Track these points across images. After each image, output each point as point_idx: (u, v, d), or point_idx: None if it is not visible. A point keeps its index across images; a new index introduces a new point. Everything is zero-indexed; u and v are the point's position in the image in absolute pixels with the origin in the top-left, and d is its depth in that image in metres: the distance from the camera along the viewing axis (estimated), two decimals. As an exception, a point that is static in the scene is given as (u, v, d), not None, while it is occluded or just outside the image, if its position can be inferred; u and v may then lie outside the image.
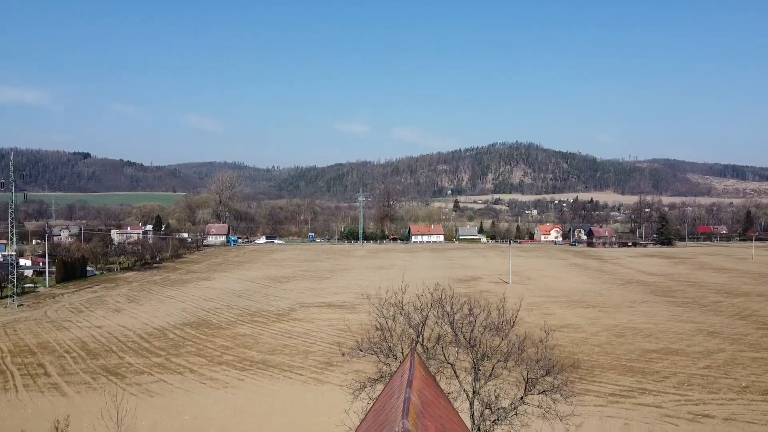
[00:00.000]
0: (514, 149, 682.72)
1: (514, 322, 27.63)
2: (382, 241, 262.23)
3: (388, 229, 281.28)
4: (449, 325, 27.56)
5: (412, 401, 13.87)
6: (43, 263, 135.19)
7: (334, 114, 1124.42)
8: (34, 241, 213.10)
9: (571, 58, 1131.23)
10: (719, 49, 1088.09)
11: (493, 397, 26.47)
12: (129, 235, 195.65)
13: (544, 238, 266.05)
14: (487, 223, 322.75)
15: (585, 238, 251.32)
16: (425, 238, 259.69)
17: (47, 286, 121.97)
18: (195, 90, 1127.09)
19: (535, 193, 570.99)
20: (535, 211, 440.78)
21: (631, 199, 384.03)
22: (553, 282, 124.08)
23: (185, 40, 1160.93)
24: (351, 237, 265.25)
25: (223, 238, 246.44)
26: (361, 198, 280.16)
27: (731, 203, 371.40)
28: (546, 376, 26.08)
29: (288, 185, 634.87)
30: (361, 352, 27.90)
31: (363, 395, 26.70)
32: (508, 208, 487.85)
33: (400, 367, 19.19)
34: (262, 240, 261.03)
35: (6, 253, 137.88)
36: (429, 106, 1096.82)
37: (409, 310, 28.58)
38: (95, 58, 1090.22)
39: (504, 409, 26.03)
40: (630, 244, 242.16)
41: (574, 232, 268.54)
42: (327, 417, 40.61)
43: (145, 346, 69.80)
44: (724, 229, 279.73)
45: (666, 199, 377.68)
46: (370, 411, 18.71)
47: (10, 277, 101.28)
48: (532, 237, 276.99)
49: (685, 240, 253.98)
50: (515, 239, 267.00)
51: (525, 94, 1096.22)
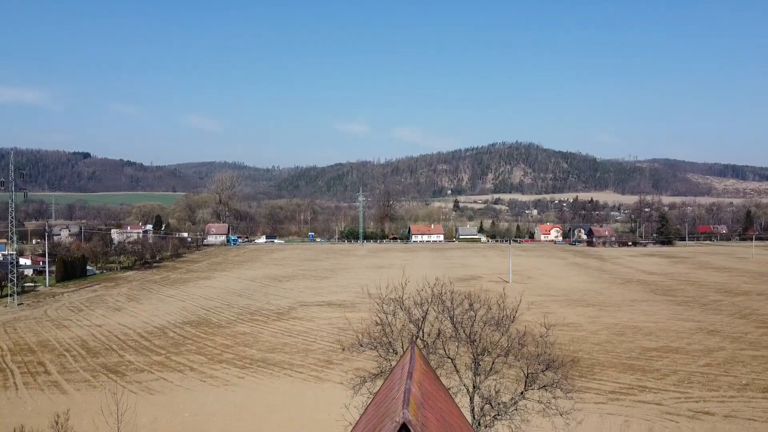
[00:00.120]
0: (514, 149, 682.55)
1: (514, 317, 27.63)
2: (382, 240, 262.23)
3: (388, 228, 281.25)
4: (449, 320, 27.55)
5: (413, 392, 13.85)
6: (43, 262, 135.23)
7: (334, 114, 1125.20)
8: (34, 241, 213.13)
9: (571, 58, 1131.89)
10: (719, 49, 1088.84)
11: (493, 392, 26.47)
12: (129, 234, 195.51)
13: (544, 237, 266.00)
14: (487, 222, 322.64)
15: (585, 237, 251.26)
16: (425, 238, 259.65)
17: (47, 285, 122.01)
18: (195, 90, 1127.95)
19: (535, 193, 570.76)
20: (535, 211, 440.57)
21: (631, 199, 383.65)
22: (553, 281, 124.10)
23: (185, 40, 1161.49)
24: (351, 236, 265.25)
25: (223, 238, 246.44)
26: (361, 198, 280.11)
27: (731, 203, 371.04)
28: (546, 371, 26.07)
29: (288, 185, 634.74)
30: (362, 347, 27.90)
31: (363, 390, 26.71)
32: (508, 207, 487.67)
33: (400, 360, 19.17)
34: (262, 239, 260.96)
35: (6, 252, 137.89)
36: (429, 106, 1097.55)
37: (409, 305, 28.57)
38: (95, 58, 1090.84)
39: (504, 404, 26.02)
40: (630, 243, 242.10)
41: (574, 231, 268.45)
42: (327, 414, 40.62)
43: (145, 345, 69.83)
44: (724, 229, 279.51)
45: (666, 199, 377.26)
46: (370, 404, 18.70)
47: (10, 276, 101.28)
48: (532, 237, 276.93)
49: (685, 239, 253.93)
50: (515, 239, 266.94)
51: (525, 94, 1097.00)
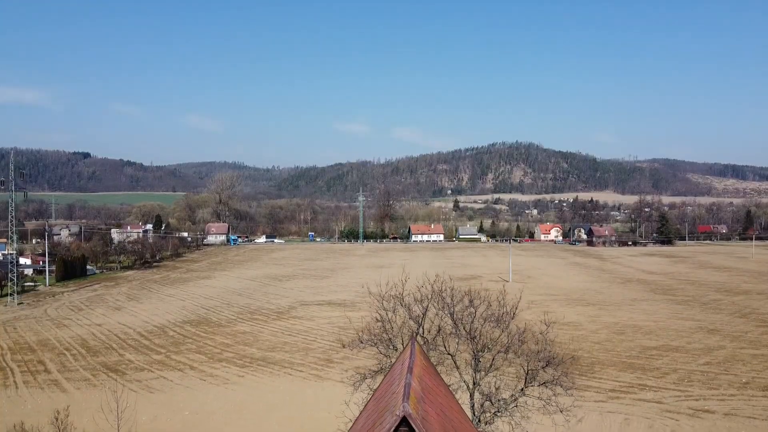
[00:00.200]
0: (514, 149, 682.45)
1: (514, 314, 27.63)
2: (382, 240, 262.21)
3: (388, 228, 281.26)
4: (449, 316, 27.55)
5: (413, 386, 13.86)
6: (43, 262, 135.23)
7: (334, 114, 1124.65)
8: (34, 241, 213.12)
9: (571, 58, 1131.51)
10: (719, 49, 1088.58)
11: (493, 388, 26.46)
12: (129, 234, 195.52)
13: (544, 237, 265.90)
14: (487, 222, 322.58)
15: (585, 237, 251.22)
16: (425, 238, 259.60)
17: (47, 284, 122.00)
18: (195, 90, 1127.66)
19: (535, 193, 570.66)
20: (535, 211, 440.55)
21: (631, 199, 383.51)
22: (553, 281, 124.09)
23: (185, 40, 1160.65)
24: (351, 236, 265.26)
25: (223, 238, 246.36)
26: (361, 197, 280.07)
27: (731, 203, 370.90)
28: (546, 367, 26.06)
29: (288, 185, 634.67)
30: (362, 343, 27.90)
31: (363, 386, 26.71)
32: (508, 207, 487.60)
33: (400, 355, 19.17)
34: (262, 239, 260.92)
35: (6, 251, 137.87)
36: (429, 106, 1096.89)
37: (409, 302, 28.56)
38: (95, 58, 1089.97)
39: (504, 400, 26.02)
40: (630, 243, 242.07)
41: (574, 231, 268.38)
42: (327, 412, 40.60)
43: (145, 344, 69.84)
44: (724, 229, 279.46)
45: (666, 199, 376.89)
46: (370, 399, 18.71)
47: (10, 276, 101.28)
48: (532, 236, 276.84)
49: (685, 239, 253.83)
50: (515, 238, 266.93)
51: (525, 94, 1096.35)
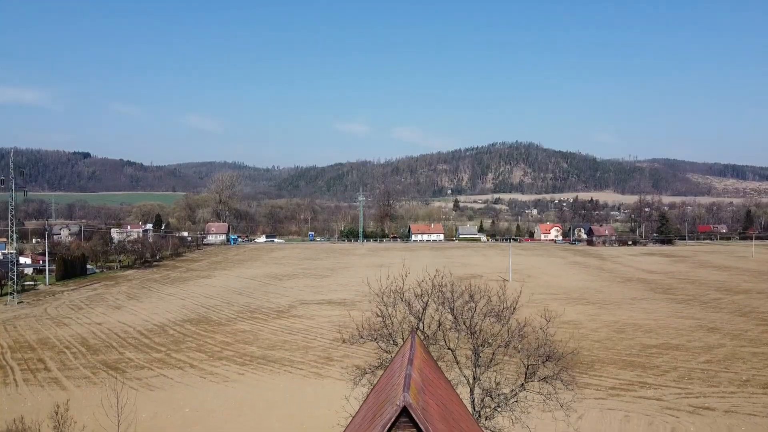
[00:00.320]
0: (514, 149, 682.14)
1: (514, 309, 27.63)
2: (382, 239, 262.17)
3: (388, 228, 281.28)
4: (450, 311, 27.54)
5: (413, 378, 13.86)
6: (43, 261, 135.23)
7: (334, 114, 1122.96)
8: (34, 240, 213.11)
9: (571, 58, 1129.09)
10: (719, 49, 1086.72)
11: (493, 383, 26.46)
12: (129, 233, 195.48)
13: (544, 237, 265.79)
14: (487, 222, 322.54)
15: (585, 236, 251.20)
16: (425, 237, 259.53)
17: (47, 283, 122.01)
18: (195, 90, 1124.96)
19: (535, 193, 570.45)
20: (535, 211, 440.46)
21: (631, 199, 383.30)
22: (553, 280, 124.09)
23: (185, 40, 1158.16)
24: (351, 236, 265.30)
25: (223, 237, 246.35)
26: (361, 197, 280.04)
27: (731, 203, 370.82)
28: (547, 362, 26.05)
29: (288, 185, 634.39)
30: (362, 338, 27.90)
31: (364, 381, 26.71)
32: (508, 207, 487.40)
33: (400, 348, 19.17)
34: (262, 239, 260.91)
35: (6, 251, 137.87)
36: (429, 106, 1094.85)
37: (409, 297, 28.55)
38: (95, 58, 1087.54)
39: (505, 395, 26.02)
40: (630, 242, 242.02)
41: (574, 231, 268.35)
42: (327, 409, 40.58)
43: (145, 342, 69.86)
44: (724, 228, 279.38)
45: (666, 199, 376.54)
46: (370, 393, 18.71)
47: (10, 275, 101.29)
48: (532, 236, 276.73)
49: (685, 239, 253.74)
50: (514, 237, 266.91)
51: (525, 94, 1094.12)
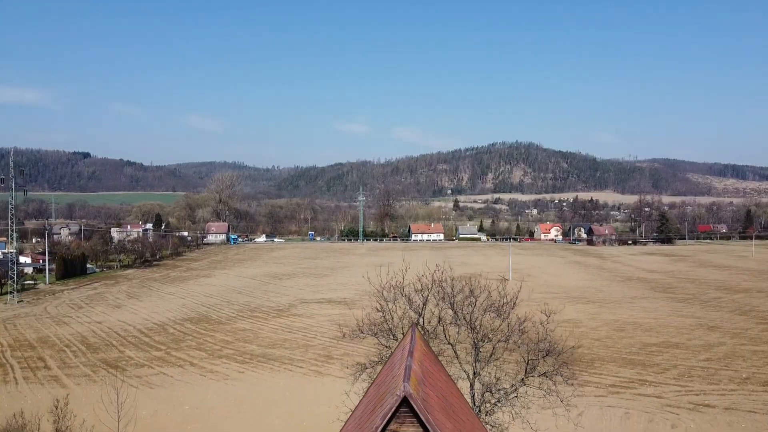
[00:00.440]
0: (514, 149, 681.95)
1: (514, 304, 27.63)
2: (382, 239, 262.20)
3: (388, 227, 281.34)
4: (450, 306, 27.55)
5: (413, 369, 13.86)
6: (43, 260, 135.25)
7: (334, 114, 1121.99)
8: (34, 240, 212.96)
9: (571, 58, 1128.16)
10: (719, 49, 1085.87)
11: (493, 378, 26.46)
12: (129, 233, 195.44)
13: (544, 236, 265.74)
14: (487, 222, 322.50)
15: (585, 236, 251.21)
16: (425, 237, 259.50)
17: (47, 282, 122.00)
18: (195, 90, 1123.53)
19: (535, 193, 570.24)
20: (535, 211, 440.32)
21: (630, 199, 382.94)
22: (554, 279, 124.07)
23: (185, 40, 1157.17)
24: (351, 235, 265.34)
25: (223, 237, 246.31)
26: (361, 197, 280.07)
27: (731, 202, 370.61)
28: (547, 356, 26.05)
29: (288, 185, 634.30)
30: (362, 333, 27.90)
31: (364, 376, 26.71)
32: (508, 207, 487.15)
33: (401, 342, 19.17)
34: (262, 238, 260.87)
35: (6, 250, 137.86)
36: (429, 106, 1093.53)
37: (409, 292, 28.56)
38: (95, 58, 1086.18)
39: (505, 390, 26.02)
40: (630, 242, 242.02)
41: (574, 230, 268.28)
42: (327, 407, 40.58)
43: (145, 341, 69.87)
44: (724, 228, 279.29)
45: (666, 199, 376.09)
46: (371, 386, 18.70)
47: (10, 274, 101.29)
48: (531, 236, 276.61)
49: (685, 239, 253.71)
50: (514, 237, 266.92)
51: (525, 94, 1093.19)
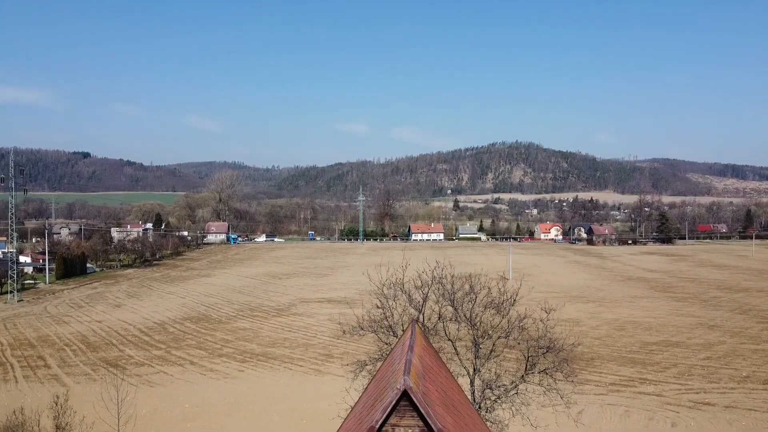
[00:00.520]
0: (514, 149, 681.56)
1: (514, 300, 27.63)
2: (382, 239, 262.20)
3: (388, 227, 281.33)
4: (450, 303, 27.54)
5: (414, 363, 13.85)
6: (43, 260, 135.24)
7: (334, 114, 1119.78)
8: (34, 240, 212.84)
9: (571, 58, 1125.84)
10: (719, 49, 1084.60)
11: (494, 375, 26.46)
12: (129, 232, 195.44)
13: (544, 236, 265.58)
14: (487, 222, 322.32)
15: (585, 236, 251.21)
16: (425, 237, 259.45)
17: (47, 282, 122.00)
18: (195, 90, 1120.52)
19: (535, 193, 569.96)
20: (535, 211, 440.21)
21: (631, 199, 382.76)
22: (554, 278, 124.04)
23: (185, 40, 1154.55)
24: (351, 235, 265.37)
25: (223, 237, 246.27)
26: (361, 197, 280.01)
27: (731, 202, 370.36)
28: (547, 353, 26.05)
29: (288, 185, 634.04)
30: (362, 330, 27.90)
31: (364, 373, 26.71)
32: (508, 207, 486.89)
33: (401, 338, 19.17)
34: (262, 238, 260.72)
35: (6, 249, 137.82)
36: (429, 106, 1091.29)
37: (409, 288, 28.55)
38: (95, 58, 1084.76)
39: (505, 386, 26.02)
40: (630, 241, 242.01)
41: (574, 230, 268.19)
42: (327, 404, 40.59)
43: (145, 340, 69.89)
44: (724, 228, 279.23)
45: (666, 199, 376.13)
46: (371, 382, 18.71)
47: (10, 273, 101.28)
48: (531, 235, 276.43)
49: (685, 238, 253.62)
50: (514, 236, 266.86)
51: (525, 94, 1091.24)
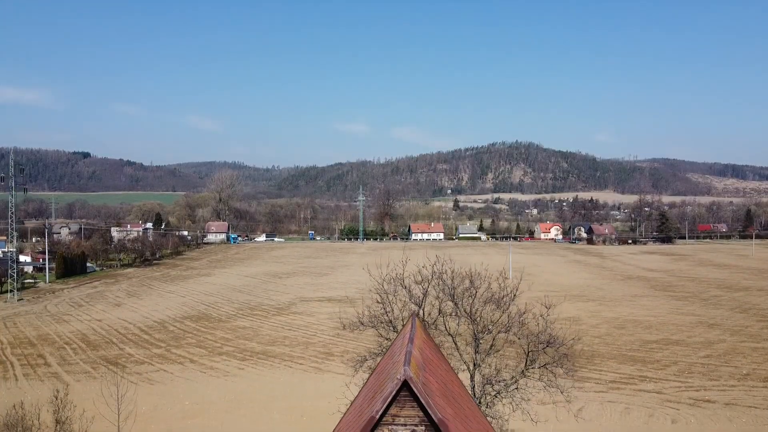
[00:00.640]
0: (513, 149, 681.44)
1: (514, 296, 27.62)
2: (382, 239, 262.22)
3: (388, 227, 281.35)
4: (450, 298, 27.54)
5: (414, 354, 13.85)
6: (43, 259, 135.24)
7: (334, 114, 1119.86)
8: (34, 239, 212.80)
9: (570, 57, 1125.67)
10: (720, 49, 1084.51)
11: (494, 370, 26.45)
12: (129, 232, 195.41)
13: (544, 236, 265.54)
14: (487, 221, 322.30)
15: (585, 235, 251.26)
16: (425, 236, 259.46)
17: (47, 281, 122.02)
18: (195, 90, 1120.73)
19: (535, 193, 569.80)
20: (535, 211, 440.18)
21: (630, 199, 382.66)
22: (554, 278, 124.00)
23: (185, 40, 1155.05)
24: (351, 235, 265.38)
25: (222, 236, 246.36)
26: (361, 197, 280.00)
27: (731, 202, 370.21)
28: (547, 347, 26.04)
29: (288, 185, 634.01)
30: (362, 325, 27.91)
31: (364, 367, 26.72)
32: (508, 207, 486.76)
33: (401, 331, 19.18)
34: (262, 238, 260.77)
35: (6, 249, 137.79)
36: (429, 106, 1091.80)
37: (409, 284, 28.56)
38: (95, 58, 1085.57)
39: (505, 381, 26.02)
40: (630, 241, 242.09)
41: (574, 229, 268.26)
42: (328, 402, 40.55)
43: (145, 338, 69.89)
44: (724, 228, 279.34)
45: (666, 199, 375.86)
46: (371, 375, 18.70)
47: (10, 272, 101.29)
48: (531, 235, 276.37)
49: (685, 238, 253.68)
50: (514, 236, 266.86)
51: (525, 94, 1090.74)
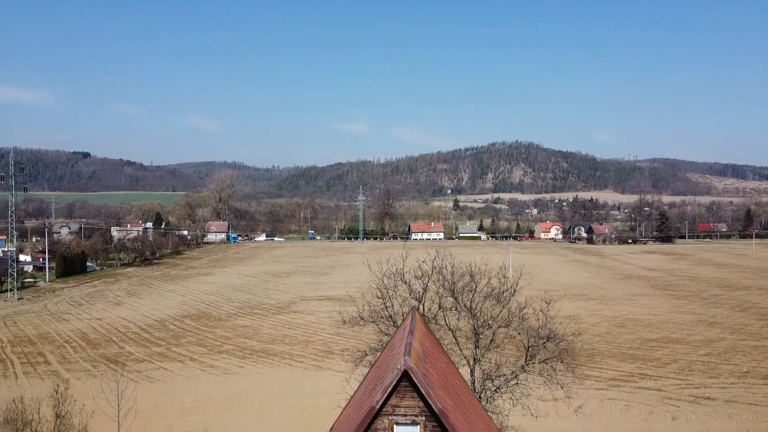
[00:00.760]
0: (513, 149, 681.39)
1: (515, 291, 27.62)
2: (382, 238, 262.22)
3: (388, 227, 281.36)
4: (450, 293, 27.54)
5: (414, 346, 13.85)
6: (43, 259, 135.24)
7: (334, 114, 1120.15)
8: (34, 239, 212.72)
9: (570, 57, 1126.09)
10: (719, 49, 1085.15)
11: (494, 365, 26.46)
12: (129, 231, 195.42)
13: (544, 235, 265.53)
14: (487, 221, 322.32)
15: (585, 235, 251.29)
16: (425, 236, 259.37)
17: (47, 280, 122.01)
18: (195, 90, 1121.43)
19: (535, 193, 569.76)
20: (535, 210, 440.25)
21: (631, 198, 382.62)
22: (554, 277, 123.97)
23: (185, 40, 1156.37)
24: (351, 234, 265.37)
25: (222, 236, 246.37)
26: (361, 196, 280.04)
27: (731, 202, 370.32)
28: (547, 342, 26.05)
29: (288, 184, 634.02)
30: (362, 320, 27.91)
31: (365, 362, 26.73)
32: (508, 207, 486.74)
33: (401, 324, 19.19)
34: (262, 237, 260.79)
35: (6, 248, 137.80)
36: (429, 106, 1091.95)
37: (409, 279, 28.56)
38: (95, 57, 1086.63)
39: (505, 376, 26.03)
40: (630, 240, 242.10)
41: (574, 229, 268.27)
42: (328, 399, 40.56)
43: (145, 337, 69.90)
44: (724, 227, 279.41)
45: (666, 198, 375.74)
46: (371, 369, 18.71)
47: (10, 271, 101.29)
48: (532, 235, 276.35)
49: (685, 237, 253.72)
50: (514, 235, 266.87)
51: (525, 94, 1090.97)
